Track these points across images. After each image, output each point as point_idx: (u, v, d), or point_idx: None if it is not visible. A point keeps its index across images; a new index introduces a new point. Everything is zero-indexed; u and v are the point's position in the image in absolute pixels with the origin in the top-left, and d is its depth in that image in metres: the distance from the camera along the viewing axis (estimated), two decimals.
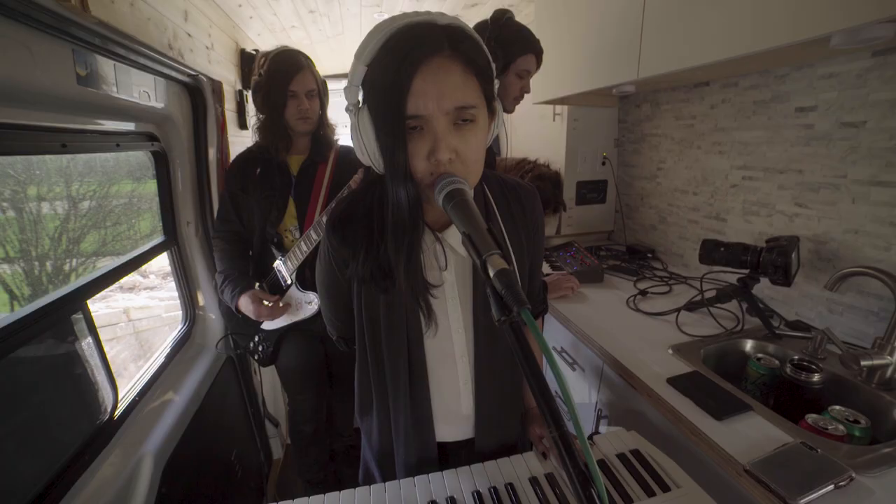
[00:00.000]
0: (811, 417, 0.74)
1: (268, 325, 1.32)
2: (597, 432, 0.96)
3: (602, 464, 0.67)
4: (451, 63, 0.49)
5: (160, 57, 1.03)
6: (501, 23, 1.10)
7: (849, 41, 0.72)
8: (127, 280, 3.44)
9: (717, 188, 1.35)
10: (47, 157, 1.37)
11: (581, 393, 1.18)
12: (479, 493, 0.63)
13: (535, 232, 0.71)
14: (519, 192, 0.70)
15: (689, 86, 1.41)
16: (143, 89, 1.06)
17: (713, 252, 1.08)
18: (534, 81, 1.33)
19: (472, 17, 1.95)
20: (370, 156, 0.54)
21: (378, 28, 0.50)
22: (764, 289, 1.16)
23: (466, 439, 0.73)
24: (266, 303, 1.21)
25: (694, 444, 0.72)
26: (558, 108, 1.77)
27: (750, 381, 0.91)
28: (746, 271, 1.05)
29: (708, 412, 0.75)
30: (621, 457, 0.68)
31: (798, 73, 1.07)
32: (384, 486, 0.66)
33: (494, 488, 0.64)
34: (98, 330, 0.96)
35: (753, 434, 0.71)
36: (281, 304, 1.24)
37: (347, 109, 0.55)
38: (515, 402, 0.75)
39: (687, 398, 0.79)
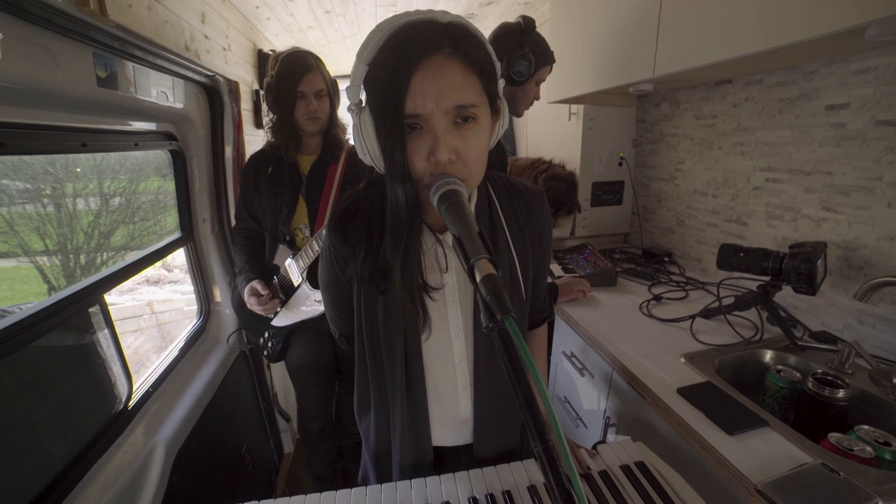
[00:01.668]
0: (834, 437, 0.70)
1: (277, 322, 1.35)
2: (603, 441, 0.94)
3: (604, 475, 0.65)
4: (451, 61, 0.48)
5: (177, 58, 1.06)
6: (535, 32, 1.15)
7: (886, 32, 0.67)
8: (153, 273, 3.58)
9: (738, 190, 1.29)
10: (81, 155, 1.43)
11: (590, 400, 1.15)
12: (475, 500, 0.62)
13: (542, 236, 0.69)
14: (525, 195, 0.68)
15: (710, 84, 1.35)
16: (161, 90, 1.09)
17: (731, 257, 1.04)
18: (549, 80, 1.33)
19: (487, 15, 1.94)
20: (371, 155, 0.54)
21: (379, 27, 0.50)
22: (787, 297, 1.10)
23: (466, 444, 0.71)
24: (261, 292, 1.23)
25: (703, 459, 0.69)
26: (574, 107, 1.74)
27: (768, 394, 0.87)
28: (767, 278, 1.00)
29: (719, 426, 0.72)
30: (625, 469, 0.66)
31: (829, 68, 1.01)
32: (380, 487, 0.65)
33: (491, 495, 0.63)
34: (115, 323, 1.00)
35: (768, 451, 0.67)
36: (273, 299, 1.26)
37: (349, 109, 0.55)
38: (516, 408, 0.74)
39: (698, 410, 0.76)
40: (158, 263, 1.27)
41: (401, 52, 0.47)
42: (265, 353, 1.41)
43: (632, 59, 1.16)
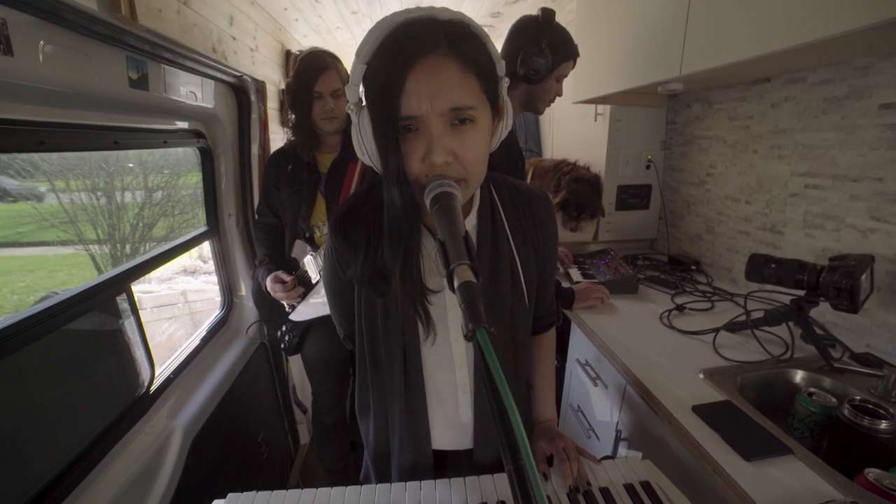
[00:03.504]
0: (872, 473, 0.62)
1: (295, 317, 1.38)
2: (611, 456, 0.90)
3: (606, 493, 0.62)
4: (447, 61, 0.47)
5: (206, 60, 1.11)
6: (553, 25, 1.09)
7: None
8: (190, 264, 3.77)
9: (773, 197, 1.20)
10: (130, 151, 1.51)
11: (602, 411, 1.11)
12: None
13: (546, 242, 0.67)
14: (530, 200, 0.66)
15: (746, 83, 1.26)
16: (190, 90, 1.14)
17: (762, 268, 0.96)
18: (575, 80, 1.28)
19: (514, 14, 1.90)
20: (370, 156, 0.53)
21: (379, 24, 0.49)
22: (826, 313, 1.01)
23: (467, 449, 0.70)
24: (285, 279, 1.25)
25: (716, 485, 0.64)
26: (600, 107, 1.68)
27: (797, 419, 0.80)
28: (802, 292, 0.92)
29: (736, 450, 0.67)
30: (629, 487, 0.62)
31: (886, 62, 0.91)
32: (375, 487, 0.65)
33: None
34: (142, 311, 1.06)
35: (790, 483, 0.62)
36: (297, 286, 1.27)
37: (349, 108, 0.54)
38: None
39: (713, 431, 0.71)
40: (195, 255, 1.33)
41: (396, 52, 0.46)
42: (282, 345, 1.45)
43: (658, 57, 1.10)
